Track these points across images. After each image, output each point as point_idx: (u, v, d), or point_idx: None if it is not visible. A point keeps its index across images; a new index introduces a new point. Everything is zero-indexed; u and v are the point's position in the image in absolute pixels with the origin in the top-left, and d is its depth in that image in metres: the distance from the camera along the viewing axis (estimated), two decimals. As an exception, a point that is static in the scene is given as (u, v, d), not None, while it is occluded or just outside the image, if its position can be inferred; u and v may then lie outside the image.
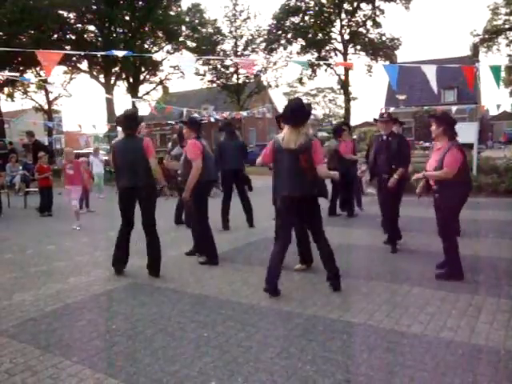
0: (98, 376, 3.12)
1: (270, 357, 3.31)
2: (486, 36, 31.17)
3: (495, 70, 6.29)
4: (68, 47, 27.54)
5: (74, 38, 29.51)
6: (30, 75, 31.77)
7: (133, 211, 5.57)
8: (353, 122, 43.94)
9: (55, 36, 28.45)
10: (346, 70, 34.01)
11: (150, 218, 5.52)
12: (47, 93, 34.46)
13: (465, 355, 3.24)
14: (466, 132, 13.60)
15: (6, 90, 32.35)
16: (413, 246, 6.59)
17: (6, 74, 20.10)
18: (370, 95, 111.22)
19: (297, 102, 4.72)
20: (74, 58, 29.77)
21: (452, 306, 4.20)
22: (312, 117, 4.83)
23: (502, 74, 39.08)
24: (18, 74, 26.44)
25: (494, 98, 55.79)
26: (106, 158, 17.06)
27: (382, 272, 5.38)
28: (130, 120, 5.52)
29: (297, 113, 4.53)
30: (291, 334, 3.72)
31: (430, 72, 6.44)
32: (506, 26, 30.29)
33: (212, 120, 19.90)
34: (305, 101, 4.97)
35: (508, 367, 3.07)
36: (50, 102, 36.04)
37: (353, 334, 3.66)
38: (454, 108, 17.72)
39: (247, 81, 35.28)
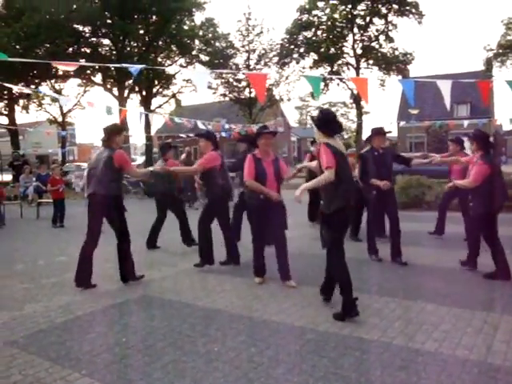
0: (107, 390, 3.09)
1: (281, 373, 3.26)
2: (500, 51, 31.03)
3: (511, 84, 6.21)
4: (83, 60, 27.93)
5: (88, 51, 29.93)
6: (44, 88, 32.24)
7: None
8: (364, 137, 43.84)
9: (70, 50, 28.87)
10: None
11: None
12: (61, 105, 34.89)
13: (481, 374, 3.16)
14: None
15: (21, 102, 32.80)
16: (427, 262, 6.49)
17: (19, 87, 20.40)
18: (382, 109, 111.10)
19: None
20: (88, 71, 30.18)
21: (467, 323, 4.12)
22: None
23: (516, 89, 38.64)
24: (33, 87, 26.88)
25: (508, 113, 55.45)
26: None
27: (395, 288, 5.30)
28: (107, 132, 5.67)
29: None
30: (303, 349, 3.66)
31: (445, 87, 6.39)
32: (520, 41, 30.21)
33: (223, 134, 19.94)
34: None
35: (526, 388, 2.99)
36: (63, 114, 36.50)
37: (365, 351, 3.59)
38: (466, 122, 17.59)
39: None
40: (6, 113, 30.27)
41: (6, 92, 28.60)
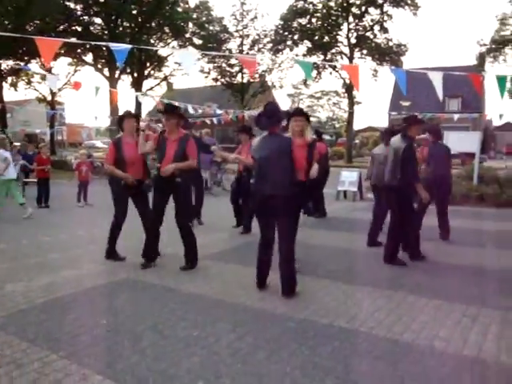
0: (84, 372, 3.08)
1: (259, 359, 3.27)
2: (493, 46, 31.06)
3: (501, 80, 6.24)
4: (74, 39, 27.48)
5: (79, 29, 29.46)
6: (34, 66, 31.72)
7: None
8: (356, 127, 43.97)
9: (61, 27, 28.39)
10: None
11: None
12: (49, 85, 34.37)
13: (456, 366, 3.20)
14: (469, 141, 13.59)
15: (9, 79, 32.25)
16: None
17: (7, 63, 20.09)
18: (374, 100, 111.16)
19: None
20: (79, 50, 29.74)
21: (446, 315, 4.16)
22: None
23: (508, 85, 38.93)
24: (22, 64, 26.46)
25: (499, 109, 55.85)
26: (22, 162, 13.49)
27: (378, 278, 5.33)
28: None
29: None
30: (282, 337, 3.67)
31: (437, 79, 6.40)
32: (514, 37, 30.23)
33: (214, 120, 19.79)
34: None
35: (500, 380, 3.03)
36: (53, 93, 35.99)
37: (344, 341, 3.61)
38: (456, 116, 17.74)
39: (252, 80, 35.23)
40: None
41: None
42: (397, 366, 3.20)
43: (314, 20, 35.27)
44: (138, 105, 29.24)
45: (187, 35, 32.78)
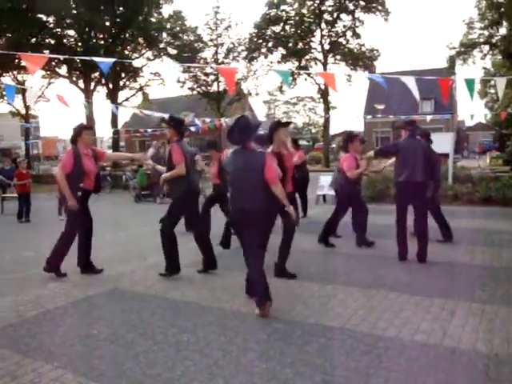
0: (79, 380, 3.15)
1: (250, 360, 3.39)
2: (462, 49, 31.83)
3: (469, 83, 6.51)
4: (47, 51, 27.24)
5: (53, 42, 29.22)
6: (7, 79, 31.34)
7: None
8: (332, 131, 44.47)
9: (33, 40, 28.12)
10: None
11: None
12: (24, 97, 33.94)
13: (437, 356, 3.37)
14: (442, 142, 13.93)
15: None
16: (390, 253, 6.72)
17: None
18: (349, 105, 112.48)
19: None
20: (53, 63, 29.47)
21: (426, 310, 4.34)
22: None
23: (478, 86, 39.63)
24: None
25: (470, 109, 57.23)
26: None
27: (360, 278, 5.50)
28: None
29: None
30: (271, 338, 3.80)
31: (410, 82, 6.64)
32: (481, 40, 31.01)
33: (192, 129, 19.84)
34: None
35: (477, 366, 3.21)
36: (27, 107, 35.50)
37: (330, 338, 3.76)
38: (428, 117, 18.26)
39: (227, 88, 35.40)
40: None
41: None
42: (381, 359, 3.35)
43: (287, 27, 35.69)
44: (114, 116, 29.11)
45: (162, 45, 32.77)
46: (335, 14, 34.69)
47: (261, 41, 35.60)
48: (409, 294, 4.80)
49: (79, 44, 29.61)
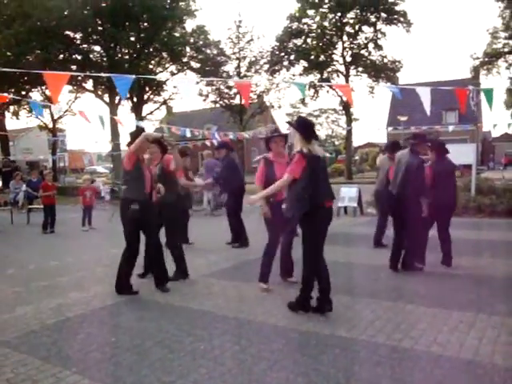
0: (96, 385, 3.23)
1: (263, 369, 3.41)
2: (486, 59, 31.54)
3: (487, 93, 6.45)
4: (74, 67, 27.98)
5: (79, 58, 29.99)
6: (35, 94, 32.25)
7: None
8: (355, 143, 44.34)
9: (61, 56, 28.92)
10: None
11: None
12: (51, 111, 34.83)
13: (452, 368, 3.34)
14: (465, 153, 13.81)
15: (11, 108, 32.74)
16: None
17: (11, 96, 20.51)
18: (372, 116, 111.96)
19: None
20: (80, 78, 30.21)
21: (443, 322, 4.30)
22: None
23: (504, 96, 38.85)
24: (24, 94, 26.87)
25: (497, 120, 56.31)
26: None
27: (377, 290, 5.47)
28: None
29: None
30: (285, 347, 3.82)
31: (425, 94, 6.62)
32: (506, 50, 30.64)
33: (214, 142, 20.03)
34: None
35: (493, 379, 3.16)
36: (54, 121, 36.45)
37: (345, 349, 3.75)
38: (450, 128, 18.05)
39: (250, 101, 35.67)
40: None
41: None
42: (395, 370, 3.34)
43: (309, 40, 35.85)
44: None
45: (185, 59, 33.28)
46: (357, 27, 34.71)
47: (283, 54, 35.82)
48: (426, 306, 4.76)
49: (104, 59, 30.31)
